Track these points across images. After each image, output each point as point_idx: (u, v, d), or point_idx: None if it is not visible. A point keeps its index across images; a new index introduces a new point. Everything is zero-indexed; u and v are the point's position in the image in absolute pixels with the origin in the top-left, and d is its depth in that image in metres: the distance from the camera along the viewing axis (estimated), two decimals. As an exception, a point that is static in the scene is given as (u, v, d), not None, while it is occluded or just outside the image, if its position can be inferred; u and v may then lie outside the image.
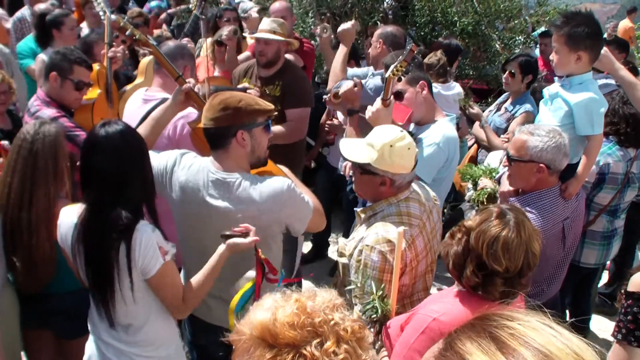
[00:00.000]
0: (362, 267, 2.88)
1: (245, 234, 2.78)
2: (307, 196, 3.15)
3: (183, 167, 3.07)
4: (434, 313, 2.38)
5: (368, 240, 2.90)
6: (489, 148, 5.22)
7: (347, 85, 4.11)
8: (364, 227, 3.06)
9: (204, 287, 2.82)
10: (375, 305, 2.67)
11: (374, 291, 2.70)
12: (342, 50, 5.07)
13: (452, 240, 2.47)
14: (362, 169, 3.04)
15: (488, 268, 2.33)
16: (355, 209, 3.25)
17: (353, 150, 3.08)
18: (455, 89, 5.22)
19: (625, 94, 3.97)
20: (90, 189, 2.74)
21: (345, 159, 3.18)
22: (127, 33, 3.52)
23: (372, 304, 2.67)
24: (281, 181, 2.98)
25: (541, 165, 3.30)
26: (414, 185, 3.15)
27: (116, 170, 2.69)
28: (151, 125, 3.46)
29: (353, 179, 3.22)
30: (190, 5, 6.60)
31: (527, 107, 5.40)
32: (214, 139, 3.02)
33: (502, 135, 5.29)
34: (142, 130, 3.39)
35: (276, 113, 3.21)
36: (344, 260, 3.09)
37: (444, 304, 2.45)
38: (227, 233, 2.79)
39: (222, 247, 2.81)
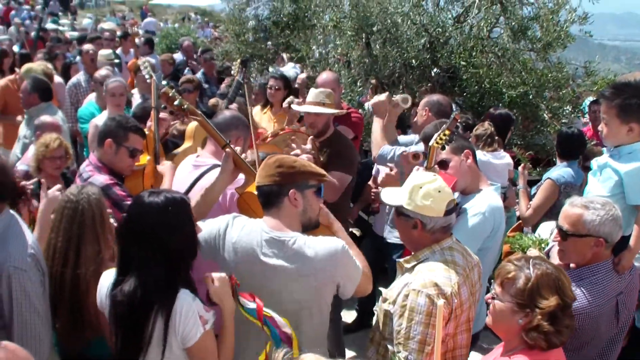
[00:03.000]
0: (408, 312, 2.87)
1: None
2: (357, 257, 3.17)
3: (236, 228, 3.10)
4: None
5: (414, 284, 2.91)
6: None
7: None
8: (407, 274, 3.06)
9: (230, 348, 2.82)
10: None
11: None
12: (378, 121, 5.18)
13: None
14: (398, 212, 3.11)
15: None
16: (397, 258, 3.24)
17: (391, 194, 3.17)
18: (505, 159, 5.20)
19: None
20: (135, 259, 2.76)
21: (383, 202, 3.25)
22: (176, 103, 3.58)
23: None
24: (335, 241, 3.02)
25: (600, 239, 3.20)
26: (459, 242, 3.18)
27: (165, 245, 2.73)
28: (204, 196, 3.52)
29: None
30: (232, 72, 6.83)
31: (552, 175, 5.38)
32: (267, 197, 3.08)
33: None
34: (195, 201, 3.45)
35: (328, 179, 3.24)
36: (386, 306, 3.05)
37: None
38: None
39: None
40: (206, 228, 3.14)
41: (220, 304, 2.76)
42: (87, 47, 9.38)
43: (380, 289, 3.30)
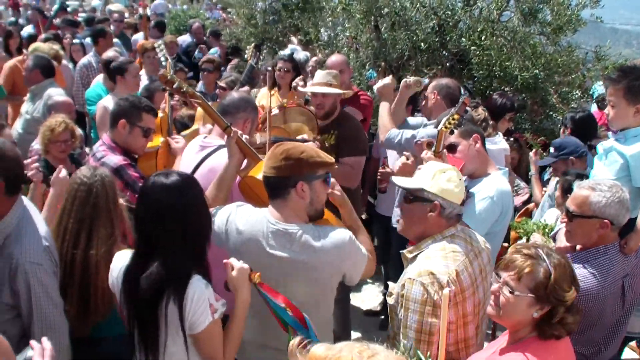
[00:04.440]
0: (405, 301, 2.91)
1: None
2: (362, 238, 3.20)
3: (240, 218, 3.10)
4: None
5: (410, 273, 2.94)
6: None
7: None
8: (409, 265, 3.08)
9: (237, 338, 2.83)
10: None
11: (421, 357, 2.64)
12: (384, 105, 5.13)
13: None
14: (413, 196, 3.07)
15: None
16: (401, 250, 3.23)
17: (407, 179, 3.17)
18: (500, 144, 5.19)
19: None
20: (149, 242, 2.76)
21: (398, 186, 3.22)
22: (175, 86, 3.54)
23: None
24: (343, 233, 3.01)
25: (605, 221, 3.22)
26: (465, 228, 3.18)
27: (178, 228, 2.72)
28: (218, 184, 3.49)
29: (399, 216, 3.25)
30: (246, 56, 6.81)
31: None
32: (273, 188, 3.05)
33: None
34: (211, 190, 3.45)
35: (336, 166, 3.19)
36: (391, 300, 3.08)
37: (514, 357, 2.50)
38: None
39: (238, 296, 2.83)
40: (217, 217, 3.16)
41: (235, 293, 2.77)
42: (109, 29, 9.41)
43: (389, 283, 3.29)
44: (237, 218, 3.11)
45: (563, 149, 5.20)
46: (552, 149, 5.32)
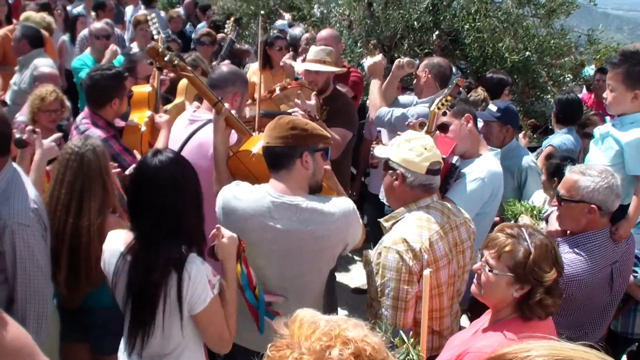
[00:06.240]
0: (381, 269, 2.95)
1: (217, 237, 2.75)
2: None
3: (241, 195, 3.06)
4: (488, 348, 2.37)
5: (386, 242, 2.99)
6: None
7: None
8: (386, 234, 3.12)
9: (234, 307, 2.79)
10: (410, 355, 2.60)
11: (405, 339, 2.60)
12: (375, 83, 5.15)
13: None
14: (385, 166, 3.17)
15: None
16: (379, 219, 3.27)
17: (383, 148, 3.23)
18: None
19: None
20: (146, 221, 2.69)
21: (376, 155, 3.32)
22: (166, 59, 3.46)
23: (405, 354, 2.61)
24: (347, 201, 3.05)
25: (592, 206, 3.20)
26: (442, 202, 3.23)
27: (175, 204, 2.67)
28: (215, 166, 3.49)
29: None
30: (226, 30, 6.72)
31: (554, 142, 5.42)
32: (278, 158, 3.02)
33: None
34: (218, 172, 3.46)
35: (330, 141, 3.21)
36: (367, 267, 3.11)
37: (494, 337, 2.47)
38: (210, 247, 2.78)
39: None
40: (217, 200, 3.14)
41: (224, 262, 2.72)
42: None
43: (364, 251, 3.30)
44: (236, 197, 3.06)
45: (508, 113, 4.80)
46: (494, 108, 4.86)
